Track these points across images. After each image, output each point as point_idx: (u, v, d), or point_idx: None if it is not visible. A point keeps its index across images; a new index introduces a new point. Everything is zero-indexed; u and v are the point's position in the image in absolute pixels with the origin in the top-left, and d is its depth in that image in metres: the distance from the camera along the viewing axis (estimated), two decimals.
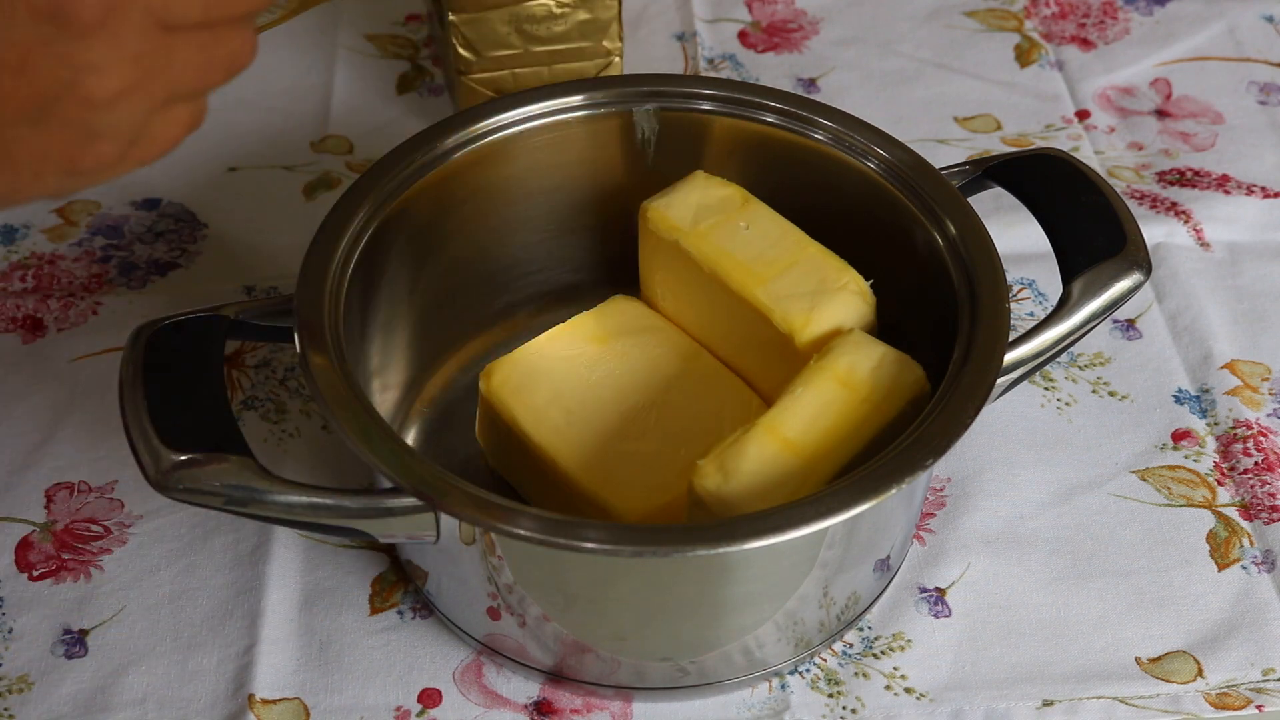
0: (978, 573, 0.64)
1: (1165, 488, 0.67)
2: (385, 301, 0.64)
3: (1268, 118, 0.85)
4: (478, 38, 0.77)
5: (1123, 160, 0.82)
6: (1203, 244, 0.78)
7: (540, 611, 0.57)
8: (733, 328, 0.64)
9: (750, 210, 0.64)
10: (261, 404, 0.70)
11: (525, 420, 0.62)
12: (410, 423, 0.68)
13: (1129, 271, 0.59)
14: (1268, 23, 0.91)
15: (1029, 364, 0.58)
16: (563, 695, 0.60)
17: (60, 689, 0.60)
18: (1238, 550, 0.65)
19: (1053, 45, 0.90)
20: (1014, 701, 0.60)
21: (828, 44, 0.90)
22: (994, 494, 0.67)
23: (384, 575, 0.64)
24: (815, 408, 0.56)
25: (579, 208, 0.69)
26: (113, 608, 0.63)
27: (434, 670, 0.61)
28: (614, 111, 0.66)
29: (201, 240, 0.77)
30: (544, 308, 0.71)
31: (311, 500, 0.52)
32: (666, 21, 0.91)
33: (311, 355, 0.55)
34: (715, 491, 0.55)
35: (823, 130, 0.65)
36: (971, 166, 0.65)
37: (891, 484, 0.52)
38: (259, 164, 0.81)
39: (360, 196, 0.61)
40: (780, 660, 0.60)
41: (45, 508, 0.66)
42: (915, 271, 0.62)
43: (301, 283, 0.58)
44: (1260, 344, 0.73)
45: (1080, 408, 0.70)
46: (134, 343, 0.56)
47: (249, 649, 0.61)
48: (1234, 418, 0.69)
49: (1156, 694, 0.60)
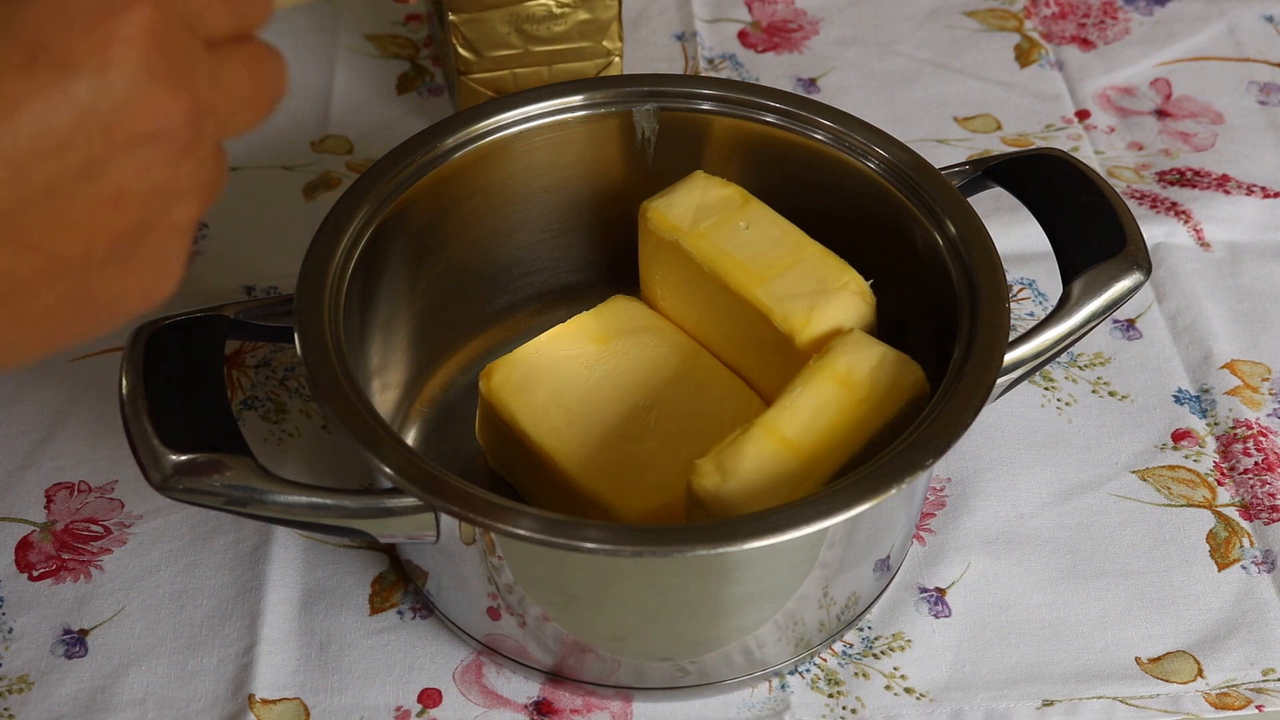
0: (978, 573, 0.64)
1: (1165, 488, 0.67)
2: (385, 301, 0.64)
3: (1268, 118, 0.85)
4: (478, 38, 0.77)
5: (1123, 160, 0.82)
6: (1203, 244, 0.78)
7: (540, 611, 0.57)
8: (733, 328, 0.64)
9: (750, 210, 0.64)
10: (261, 404, 0.70)
11: (525, 420, 0.62)
12: (410, 423, 0.68)
13: (1129, 271, 0.59)
14: (1268, 23, 0.91)
15: (1029, 364, 0.58)
16: (563, 695, 0.60)
17: (60, 689, 0.60)
18: (1238, 550, 0.65)
19: (1053, 45, 0.90)
20: (1014, 701, 0.60)
21: (828, 44, 0.90)
22: (994, 494, 0.67)
23: (384, 575, 0.64)
24: (814, 407, 0.56)
25: (579, 208, 0.69)
26: (113, 608, 0.63)
27: (434, 670, 0.61)
28: (614, 111, 0.66)
29: (201, 240, 0.77)
30: (544, 308, 0.71)
31: (311, 500, 0.52)
32: (666, 21, 0.91)
33: (311, 355, 0.55)
34: (714, 491, 0.55)
35: (823, 130, 0.65)
36: (971, 166, 0.65)
37: (891, 484, 0.52)
38: (259, 164, 0.81)
39: (360, 196, 0.61)
40: (780, 660, 0.60)
41: (45, 508, 0.66)
42: (915, 271, 0.62)
43: (301, 283, 0.58)
44: (1260, 344, 0.73)
45: (1080, 408, 0.70)
46: (134, 343, 0.56)
47: (249, 649, 0.61)
48: (1234, 418, 0.69)
49: (1156, 694, 0.60)
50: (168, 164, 0.37)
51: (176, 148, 0.37)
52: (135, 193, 0.37)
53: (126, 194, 0.37)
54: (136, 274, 0.39)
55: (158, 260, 0.39)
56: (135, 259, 0.38)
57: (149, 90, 0.36)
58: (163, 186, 0.37)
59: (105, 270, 0.38)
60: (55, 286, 0.37)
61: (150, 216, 0.38)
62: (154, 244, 0.38)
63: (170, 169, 0.37)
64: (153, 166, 0.37)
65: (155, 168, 0.37)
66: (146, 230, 0.38)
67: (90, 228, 0.37)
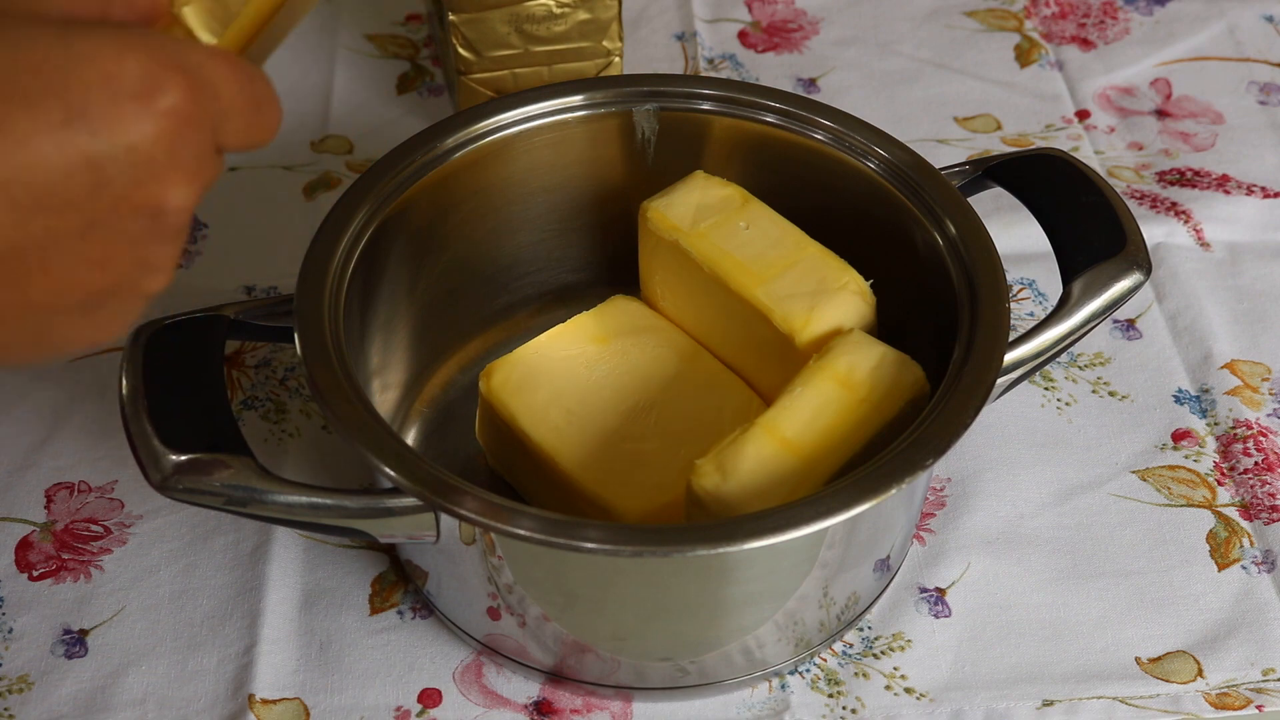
0: (978, 573, 0.64)
1: (1165, 488, 0.67)
2: (385, 301, 0.64)
3: (1268, 118, 0.85)
4: (478, 38, 0.77)
5: (1123, 160, 0.82)
6: (1203, 244, 0.78)
7: (540, 611, 0.57)
8: (733, 328, 0.64)
9: (750, 210, 0.64)
10: (261, 404, 0.70)
11: (525, 420, 0.62)
12: (410, 423, 0.68)
13: (1129, 271, 0.59)
14: (1268, 23, 0.91)
15: (1029, 364, 0.58)
16: (563, 695, 0.60)
17: (60, 689, 0.60)
18: (1238, 550, 0.65)
19: (1053, 45, 0.90)
20: (1014, 701, 0.60)
21: (828, 44, 0.90)
22: (994, 494, 0.67)
23: (384, 575, 0.64)
24: (814, 407, 0.56)
25: (579, 208, 0.69)
26: (113, 608, 0.63)
27: (434, 670, 0.61)
28: (614, 111, 0.66)
29: (201, 240, 0.77)
30: (544, 308, 0.71)
31: (311, 500, 0.52)
32: (666, 21, 0.91)
33: (311, 355, 0.55)
34: (713, 491, 0.55)
35: (823, 130, 0.65)
36: (971, 166, 0.65)
37: (891, 484, 0.52)
38: (259, 164, 0.81)
39: (360, 196, 0.61)
40: (780, 660, 0.60)
41: (45, 508, 0.66)
42: (915, 271, 0.62)
43: (301, 283, 0.58)
44: (1260, 344, 0.73)
45: (1080, 408, 0.70)
46: (134, 343, 0.56)
47: (249, 649, 0.61)
48: (1234, 418, 0.69)
49: (1156, 694, 0.60)
50: (156, 242, 0.39)
51: (169, 230, 0.39)
52: (119, 260, 0.39)
53: (112, 260, 0.39)
54: (92, 326, 0.41)
55: (116, 318, 0.41)
56: (97, 314, 0.40)
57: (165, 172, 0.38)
58: (145, 260, 0.40)
59: (67, 318, 0.40)
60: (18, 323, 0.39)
61: (125, 283, 0.40)
62: (118, 304, 0.40)
63: (157, 247, 0.40)
64: (142, 241, 0.39)
65: (144, 243, 0.39)
66: (115, 293, 0.40)
67: (69, 281, 0.39)
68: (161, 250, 0.40)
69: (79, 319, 0.40)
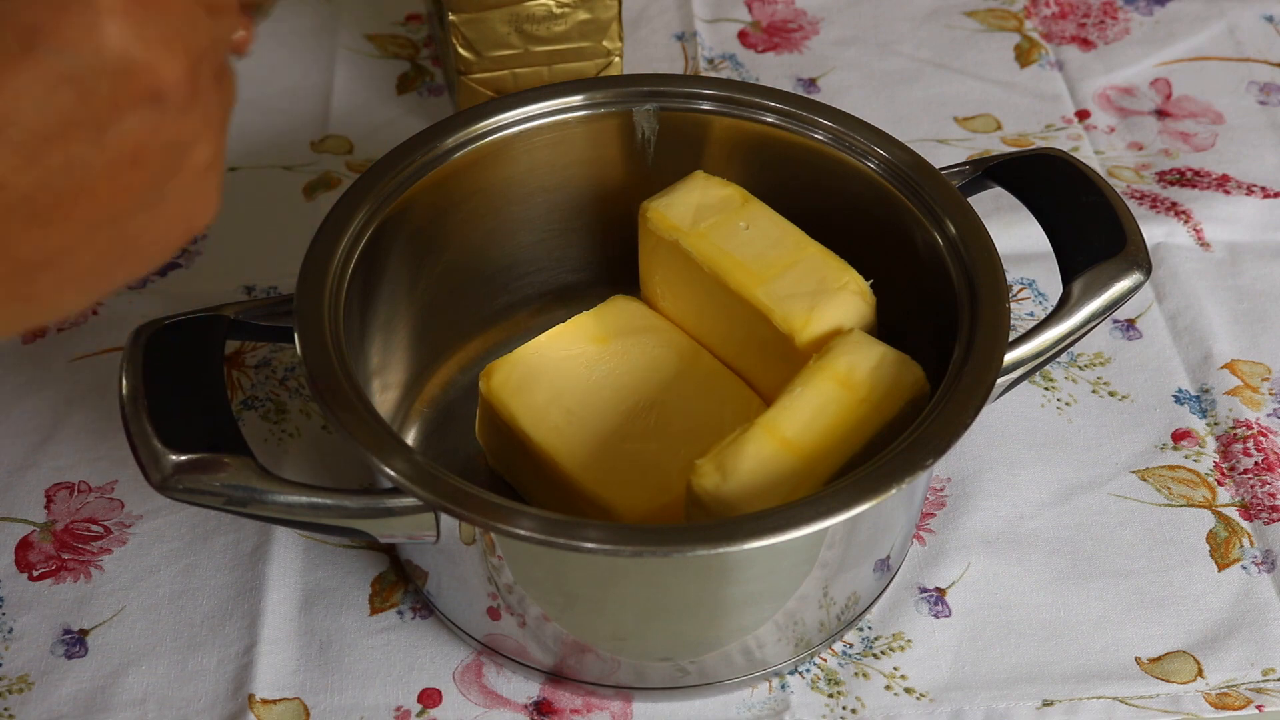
0: (978, 573, 0.64)
1: (1165, 488, 0.67)
2: (385, 301, 0.64)
3: (1268, 118, 0.85)
4: (478, 38, 0.77)
5: (1123, 160, 0.82)
6: (1203, 244, 0.78)
7: (540, 611, 0.57)
8: (733, 328, 0.64)
9: (750, 210, 0.64)
10: (261, 404, 0.70)
11: (525, 420, 0.62)
12: (410, 423, 0.68)
13: (1129, 271, 0.59)
14: (1268, 23, 0.91)
15: (1029, 364, 0.58)
16: (563, 695, 0.60)
17: (60, 689, 0.60)
18: (1238, 550, 0.65)
19: (1053, 45, 0.90)
20: (1014, 701, 0.60)
21: (828, 44, 0.90)
22: (994, 494, 0.67)
23: (384, 575, 0.64)
24: (814, 407, 0.56)
25: (579, 208, 0.69)
26: (113, 608, 0.63)
27: (434, 670, 0.61)
28: (614, 111, 0.66)
29: (201, 240, 0.77)
30: (544, 308, 0.71)
31: (311, 500, 0.52)
32: (666, 21, 0.91)
33: (311, 355, 0.55)
34: (713, 491, 0.55)
35: (823, 130, 0.65)
36: (971, 166, 0.65)
37: (891, 484, 0.52)
38: (259, 164, 0.81)
39: (360, 196, 0.61)
40: (780, 660, 0.60)
41: (45, 508, 0.66)
42: (915, 271, 0.62)
43: (301, 283, 0.58)
44: (1260, 344, 0.73)
45: (1080, 408, 0.70)
46: (134, 343, 0.56)
47: (249, 649, 0.61)
48: (1234, 418, 0.69)
49: (1156, 694, 0.60)
50: (175, 117, 0.38)
51: (180, 102, 0.38)
52: (149, 148, 0.38)
53: (141, 152, 0.38)
54: (172, 213, 0.40)
55: (190, 198, 0.40)
56: (167, 202, 0.40)
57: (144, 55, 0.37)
58: (174, 138, 0.39)
59: (139, 219, 0.39)
60: (93, 245, 0.39)
61: (169, 164, 0.39)
62: (181, 185, 0.40)
63: (177, 121, 0.39)
64: (161, 123, 0.38)
65: (163, 123, 0.38)
66: (169, 176, 0.39)
67: (113, 189, 0.38)
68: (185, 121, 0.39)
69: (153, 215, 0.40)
